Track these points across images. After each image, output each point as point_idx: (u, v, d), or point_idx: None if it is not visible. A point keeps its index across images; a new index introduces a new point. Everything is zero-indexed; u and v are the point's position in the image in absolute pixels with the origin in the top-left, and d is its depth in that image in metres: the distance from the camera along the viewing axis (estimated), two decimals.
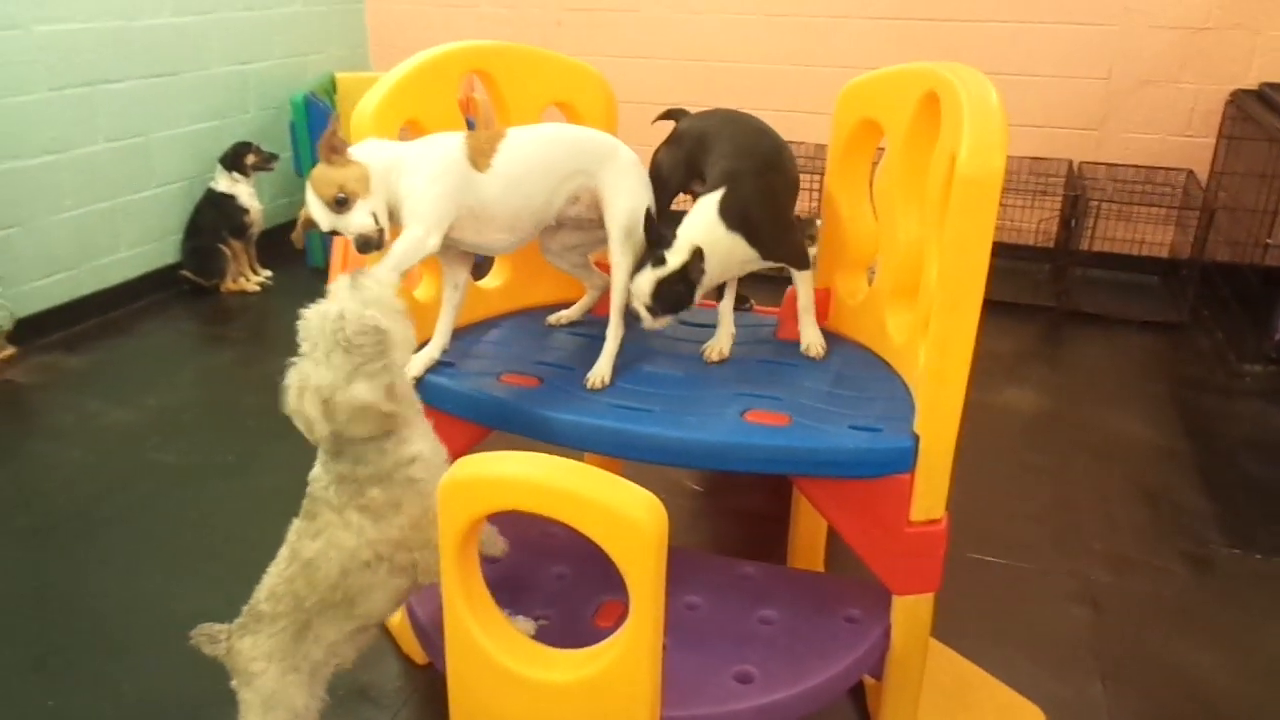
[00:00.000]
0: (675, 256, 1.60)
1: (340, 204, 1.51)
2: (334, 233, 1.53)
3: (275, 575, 1.45)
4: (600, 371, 1.66)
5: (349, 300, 1.34)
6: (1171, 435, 2.95)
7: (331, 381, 1.33)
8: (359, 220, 1.51)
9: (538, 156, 1.67)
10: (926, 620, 1.61)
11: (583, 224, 1.79)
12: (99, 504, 2.53)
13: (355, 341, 1.33)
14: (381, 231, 1.52)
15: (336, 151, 1.52)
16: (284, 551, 1.46)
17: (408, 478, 1.41)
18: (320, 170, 1.52)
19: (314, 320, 1.35)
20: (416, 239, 1.55)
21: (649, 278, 1.61)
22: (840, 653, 1.56)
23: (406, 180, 1.56)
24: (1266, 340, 3.42)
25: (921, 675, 1.64)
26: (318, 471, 1.44)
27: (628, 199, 1.71)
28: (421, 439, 1.45)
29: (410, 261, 1.55)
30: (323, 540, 1.41)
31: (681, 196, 1.82)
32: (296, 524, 1.46)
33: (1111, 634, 2.08)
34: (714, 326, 1.82)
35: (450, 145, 1.62)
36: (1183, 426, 3.01)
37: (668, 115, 1.86)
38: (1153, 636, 2.08)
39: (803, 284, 1.77)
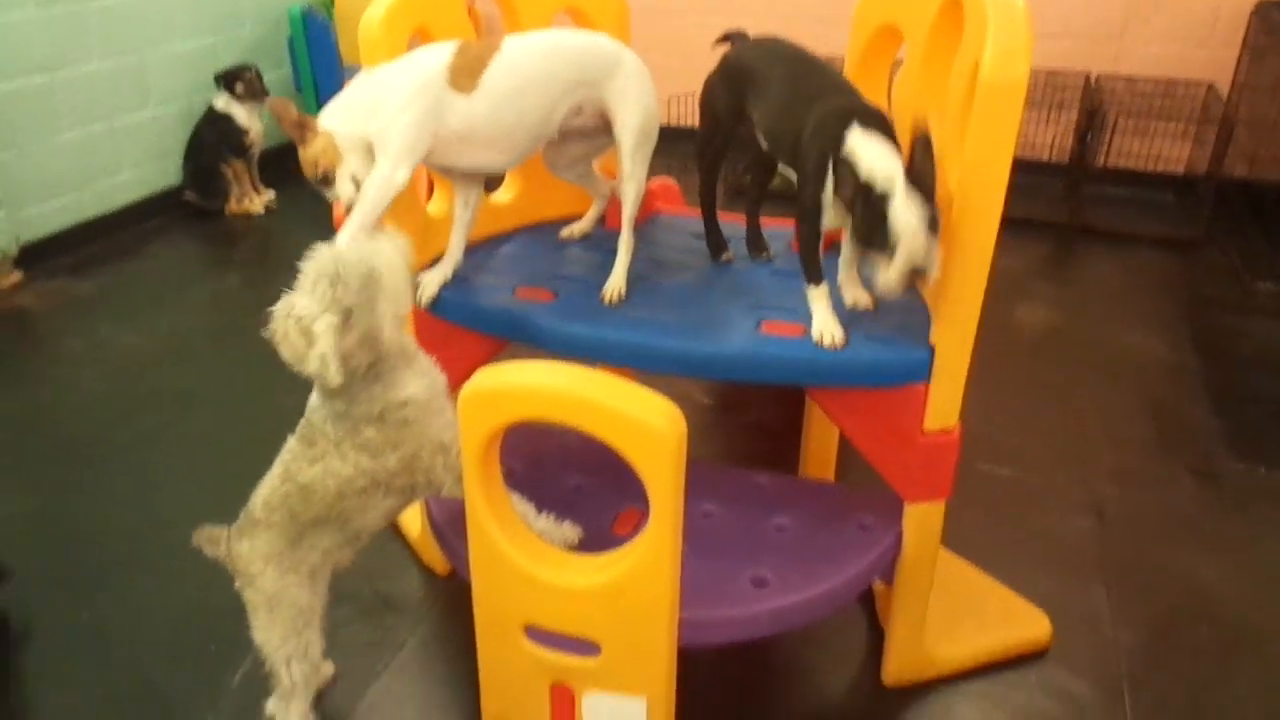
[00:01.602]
0: (884, 169, 1.37)
1: (324, 181, 1.55)
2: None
3: (269, 488, 1.47)
4: (615, 285, 1.66)
5: (352, 248, 1.37)
6: (1182, 352, 2.96)
7: (312, 312, 1.31)
8: (342, 191, 1.54)
9: (534, 70, 1.61)
10: (937, 527, 1.64)
11: (588, 132, 1.75)
12: (114, 427, 2.55)
13: (343, 274, 1.32)
14: None
15: (303, 128, 1.53)
16: (277, 468, 1.47)
17: (402, 419, 1.42)
18: (300, 153, 1.55)
19: (316, 255, 1.35)
20: (383, 178, 1.51)
21: (911, 213, 1.35)
22: (852, 558, 1.59)
23: (382, 113, 1.52)
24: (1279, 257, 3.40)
25: (931, 581, 1.67)
26: (315, 402, 1.45)
27: (637, 108, 1.66)
28: (415, 380, 1.44)
29: (382, 202, 1.51)
30: (319, 468, 1.42)
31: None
32: (292, 444, 1.47)
33: (1115, 543, 2.12)
34: (728, 239, 1.82)
35: (429, 67, 1.55)
36: (1193, 344, 3.01)
37: (726, 38, 1.75)
38: (1156, 546, 2.12)
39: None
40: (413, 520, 2.04)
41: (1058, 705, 1.71)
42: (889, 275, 1.38)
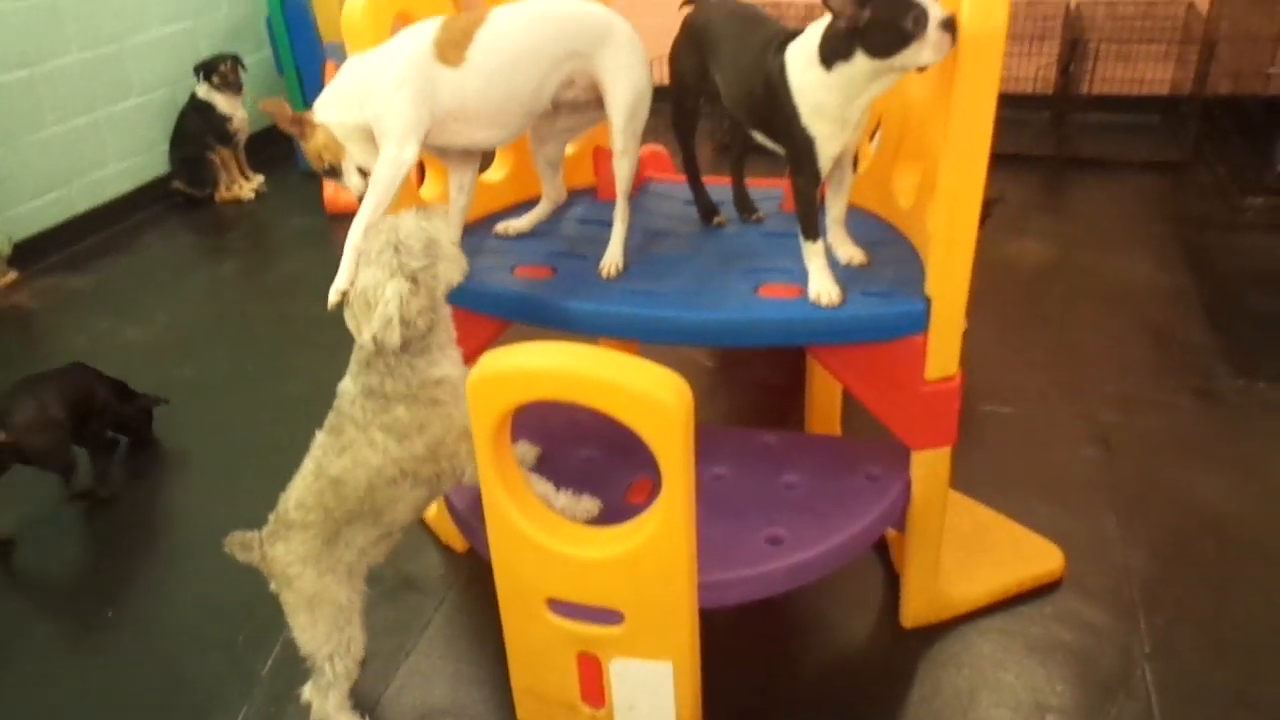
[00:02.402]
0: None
1: (331, 172, 1.56)
2: None
3: (302, 487, 1.49)
4: (613, 258, 1.66)
5: (410, 217, 1.42)
6: (1176, 274, 2.98)
7: (378, 280, 1.37)
8: (350, 183, 1.56)
9: (524, 41, 1.57)
10: (944, 473, 1.67)
11: (578, 106, 1.73)
12: None
13: (405, 241, 1.38)
14: None
15: (300, 124, 1.53)
16: (309, 465, 1.49)
17: (432, 399, 1.44)
18: (303, 148, 1.57)
19: (378, 229, 1.42)
20: (391, 159, 1.49)
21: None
22: (864, 509, 1.62)
23: (375, 98, 1.50)
24: (1268, 171, 3.40)
25: (942, 525, 1.71)
26: (346, 384, 1.47)
27: (629, 82, 1.63)
28: (451, 365, 1.47)
29: (395, 183, 1.50)
30: (348, 458, 1.44)
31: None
32: (321, 438, 1.49)
33: (1122, 470, 2.16)
34: (720, 204, 1.82)
35: (417, 43, 1.52)
36: (1187, 264, 3.03)
37: (688, 1, 1.73)
38: (1162, 469, 2.16)
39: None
40: None
41: (1074, 634, 1.76)
42: (928, 46, 1.31)
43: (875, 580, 1.90)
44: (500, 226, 1.84)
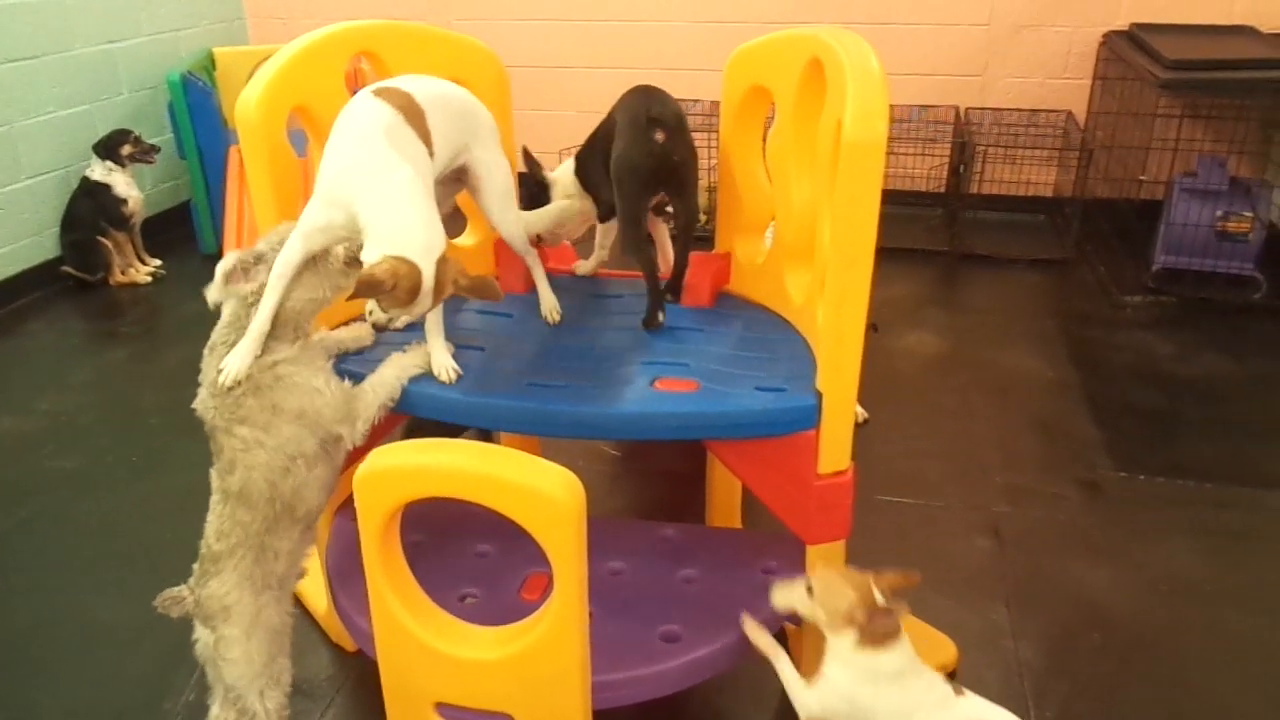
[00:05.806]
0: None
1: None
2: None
3: (215, 518, 1.50)
4: (549, 305, 1.78)
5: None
6: (1061, 368, 3.11)
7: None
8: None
9: (436, 98, 1.59)
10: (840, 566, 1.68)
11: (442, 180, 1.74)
12: None
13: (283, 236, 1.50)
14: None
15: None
16: (214, 498, 1.51)
17: (275, 377, 1.47)
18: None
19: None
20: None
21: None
22: (761, 605, 1.61)
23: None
24: (1145, 272, 3.61)
25: None
26: (201, 394, 1.50)
27: (502, 171, 1.71)
28: (284, 345, 1.50)
29: None
30: (240, 469, 1.46)
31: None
32: (212, 471, 1.51)
33: (1013, 561, 2.21)
34: (620, 297, 1.85)
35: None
36: (1071, 359, 3.17)
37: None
38: (1050, 560, 2.21)
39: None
40: (318, 596, 2.00)
41: None
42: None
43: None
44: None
